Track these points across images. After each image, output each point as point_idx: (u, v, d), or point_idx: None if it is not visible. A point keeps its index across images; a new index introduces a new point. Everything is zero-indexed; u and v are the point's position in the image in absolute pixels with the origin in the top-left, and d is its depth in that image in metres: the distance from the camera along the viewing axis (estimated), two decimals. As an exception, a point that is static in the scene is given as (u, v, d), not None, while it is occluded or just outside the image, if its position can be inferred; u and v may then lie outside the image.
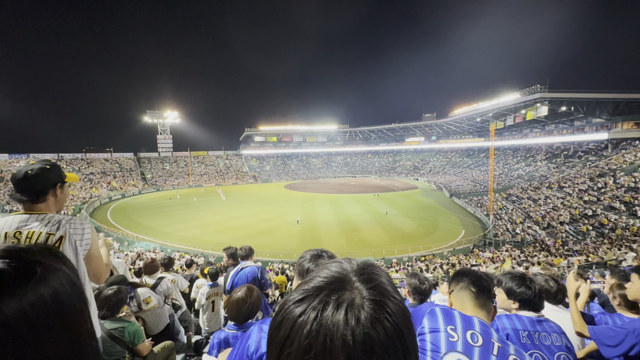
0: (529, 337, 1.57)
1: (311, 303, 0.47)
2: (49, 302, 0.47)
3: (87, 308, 0.55)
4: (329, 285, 0.50)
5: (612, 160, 31.01)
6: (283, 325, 0.47)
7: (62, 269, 0.54)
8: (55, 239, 1.50)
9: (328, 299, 0.47)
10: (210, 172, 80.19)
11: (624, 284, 2.51)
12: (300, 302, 0.48)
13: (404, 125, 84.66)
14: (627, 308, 2.48)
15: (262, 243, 23.87)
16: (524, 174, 43.14)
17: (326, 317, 0.44)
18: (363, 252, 21.69)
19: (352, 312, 0.45)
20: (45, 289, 0.47)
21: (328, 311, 0.45)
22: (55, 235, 1.51)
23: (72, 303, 0.51)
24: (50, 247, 0.58)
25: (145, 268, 4.47)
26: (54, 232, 1.51)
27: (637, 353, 1.77)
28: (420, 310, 1.20)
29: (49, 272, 0.50)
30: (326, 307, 0.45)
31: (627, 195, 23.10)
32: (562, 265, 13.85)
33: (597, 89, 36.84)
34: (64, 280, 0.52)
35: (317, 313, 0.45)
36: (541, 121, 49.58)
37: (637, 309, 2.41)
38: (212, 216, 34.61)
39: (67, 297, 0.50)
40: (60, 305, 0.48)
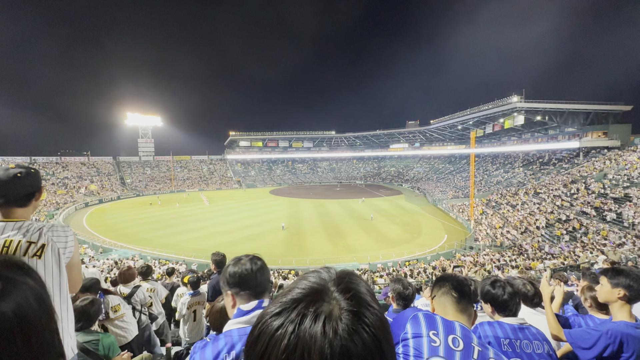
0: (510, 344, 1.59)
1: (289, 316, 0.46)
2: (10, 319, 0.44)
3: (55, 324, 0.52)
4: (306, 297, 0.49)
5: (584, 168, 32.68)
6: (260, 339, 0.46)
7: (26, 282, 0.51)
8: (37, 247, 1.42)
9: (306, 311, 0.46)
10: (193, 177, 78.53)
11: (593, 286, 2.64)
12: (277, 316, 0.47)
13: (388, 132, 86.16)
14: (597, 309, 2.59)
15: (247, 249, 23.35)
16: (503, 180, 44.72)
17: (304, 330, 0.43)
18: (348, 258, 21.73)
19: (330, 324, 0.44)
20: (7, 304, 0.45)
21: (306, 324, 0.44)
22: (36, 244, 1.42)
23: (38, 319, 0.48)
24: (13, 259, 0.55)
25: (120, 276, 4.25)
26: (35, 240, 1.42)
27: (610, 354, 1.85)
28: (403, 316, 1.21)
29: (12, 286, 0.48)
30: (304, 319, 0.45)
31: (597, 200, 24.34)
32: (539, 269, 14.37)
33: (569, 100, 38.94)
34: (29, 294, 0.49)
35: (295, 326, 0.44)
36: (518, 130, 51.74)
37: (608, 310, 2.52)
38: (195, 222, 33.80)
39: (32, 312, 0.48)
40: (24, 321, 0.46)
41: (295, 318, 0.45)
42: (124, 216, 38.26)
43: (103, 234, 29.26)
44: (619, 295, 1.97)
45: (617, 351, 1.85)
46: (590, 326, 2.36)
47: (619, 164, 29.29)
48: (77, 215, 39.77)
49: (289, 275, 15.81)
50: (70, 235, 1.60)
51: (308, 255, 22.50)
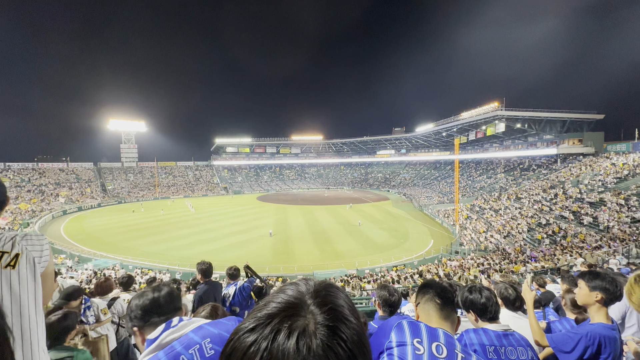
0: (495, 351, 1.61)
1: (262, 332, 0.44)
2: None
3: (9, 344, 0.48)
4: (282, 312, 0.48)
5: (561, 174, 34.01)
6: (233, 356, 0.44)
7: None
8: (10, 257, 1.34)
9: (280, 326, 0.45)
10: (178, 183, 76.94)
11: (572, 289, 2.72)
12: (251, 332, 0.45)
13: (375, 139, 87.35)
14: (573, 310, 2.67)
15: (233, 257, 23.06)
16: (486, 185, 45.93)
17: (276, 346, 0.42)
18: (336, 264, 21.66)
19: (303, 340, 0.43)
20: None
21: (279, 340, 0.43)
22: (10, 253, 1.34)
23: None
24: None
25: (97, 288, 4.05)
26: (8, 250, 1.34)
27: (590, 356, 1.90)
28: (388, 324, 1.20)
29: None
30: (277, 335, 0.43)
31: (575, 205, 25.33)
32: (521, 272, 14.73)
33: (547, 109, 40.68)
34: None
35: (268, 343, 0.43)
36: (499, 137, 53.49)
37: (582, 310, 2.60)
38: (180, 230, 32.99)
39: None
40: None
41: (268, 334, 0.44)
42: (105, 224, 36.94)
43: (82, 242, 28.11)
44: (597, 298, 2.03)
45: (595, 353, 1.90)
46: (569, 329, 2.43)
47: (594, 169, 30.66)
48: (55, 224, 38.11)
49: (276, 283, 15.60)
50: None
51: (296, 262, 22.30)
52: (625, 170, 27.19)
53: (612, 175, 27.29)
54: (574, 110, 39.45)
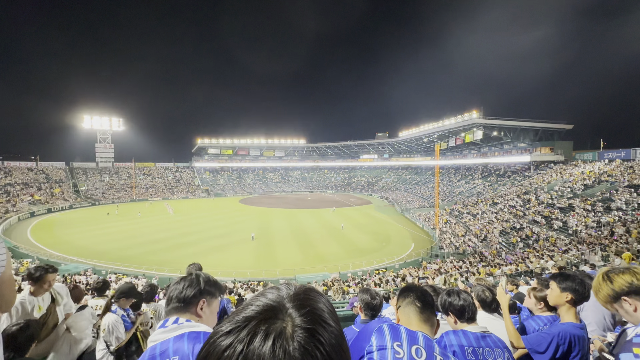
0: (473, 353, 1.65)
1: (238, 335, 0.44)
2: None
3: None
4: (259, 315, 0.47)
5: (534, 180, 35.67)
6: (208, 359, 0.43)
7: None
8: None
9: (257, 329, 0.44)
10: (157, 185, 74.54)
11: (538, 287, 2.93)
12: (227, 335, 0.45)
13: (358, 143, 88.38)
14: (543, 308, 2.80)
15: (214, 261, 22.53)
16: (465, 190, 47.43)
17: (252, 350, 0.41)
18: (319, 267, 21.61)
19: (280, 343, 0.42)
20: None
21: (255, 343, 0.42)
22: None
23: None
24: None
25: None
26: None
27: (561, 355, 1.99)
28: (368, 328, 1.21)
29: None
30: (254, 338, 0.43)
31: (546, 210, 26.60)
32: (497, 275, 15.25)
33: (521, 118, 42.68)
34: None
35: (244, 346, 0.42)
36: (477, 144, 55.51)
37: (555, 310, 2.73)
38: (157, 233, 31.90)
39: None
40: None
41: (244, 337, 0.43)
42: (77, 227, 35.14)
43: (51, 246, 26.59)
44: (567, 298, 2.13)
45: (567, 351, 1.99)
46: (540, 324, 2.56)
47: (564, 177, 32.37)
48: (21, 227, 35.84)
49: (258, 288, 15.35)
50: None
51: (278, 266, 22.07)
52: (591, 177, 28.89)
53: (580, 182, 28.90)
54: (546, 120, 41.67)
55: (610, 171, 28.02)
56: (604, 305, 1.50)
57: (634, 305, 1.35)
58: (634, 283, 1.35)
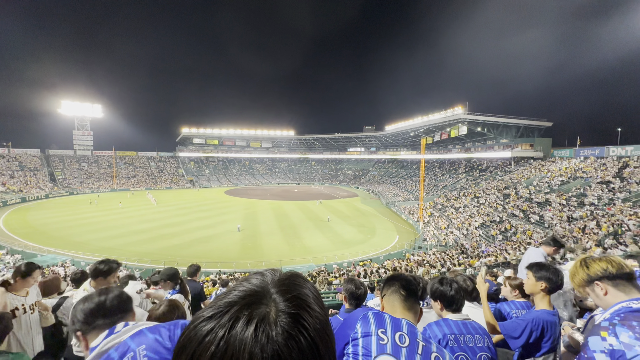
0: (455, 340, 1.71)
1: (220, 320, 0.43)
2: None
3: None
4: (242, 300, 0.46)
5: (514, 175, 36.90)
6: (188, 346, 0.42)
7: None
8: None
9: (239, 314, 0.43)
10: (140, 174, 72.48)
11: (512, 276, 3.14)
12: (209, 320, 0.43)
13: (346, 136, 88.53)
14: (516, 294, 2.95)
15: (198, 252, 22.28)
16: (448, 185, 48.56)
17: (234, 335, 0.41)
18: (305, 259, 21.77)
19: (262, 327, 0.42)
20: None
21: (237, 328, 0.41)
22: None
23: None
24: None
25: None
26: None
27: (535, 339, 2.10)
28: (353, 316, 1.23)
29: None
30: (235, 324, 0.42)
31: (525, 204, 27.65)
32: (477, 265, 15.82)
33: (504, 115, 43.78)
34: None
35: (225, 331, 0.41)
36: (462, 139, 56.71)
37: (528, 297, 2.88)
38: (140, 224, 31.15)
39: None
40: None
41: (226, 322, 0.42)
42: (53, 217, 33.82)
43: (26, 237, 25.53)
44: (542, 287, 2.24)
45: (539, 337, 2.10)
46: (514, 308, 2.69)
47: (542, 172, 33.64)
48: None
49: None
50: None
51: (264, 257, 22.07)
52: (567, 174, 30.15)
53: (557, 178, 30.12)
54: (527, 117, 42.95)
55: (585, 168, 29.32)
56: (577, 289, 1.59)
57: (604, 289, 1.44)
58: (608, 269, 1.44)
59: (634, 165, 25.42)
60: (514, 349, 2.19)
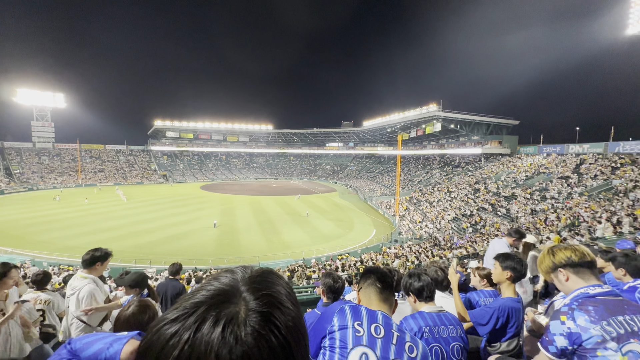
0: (430, 332, 1.79)
1: (185, 322, 0.40)
2: None
3: None
4: (210, 300, 0.44)
5: (484, 171, 38.72)
6: (149, 352, 0.40)
7: None
8: None
9: (206, 315, 0.41)
10: (108, 169, 68.75)
11: (480, 267, 3.30)
12: (172, 323, 0.41)
13: (325, 131, 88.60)
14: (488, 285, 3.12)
15: (173, 249, 21.58)
16: (423, 180, 50.13)
17: (200, 337, 0.38)
18: (283, 254, 21.73)
19: (231, 328, 0.40)
20: None
21: (203, 330, 0.39)
22: None
23: None
24: None
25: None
26: None
27: (501, 325, 2.24)
28: (330, 310, 1.25)
29: None
30: (202, 325, 0.39)
31: (493, 198, 29.15)
32: (449, 257, 16.53)
33: (475, 113, 45.68)
34: None
35: (190, 333, 0.39)
36: (436, 135, 58.56)
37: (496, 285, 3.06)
38: (108, 220, 29.62)
39: None
40: None
41: (192, 324, 0.40)
42: (11, 214, 31.34)
43: (-23, 236, 23.51)
44: (507, 276, 2.39)
45: (505, 323, 2.24)
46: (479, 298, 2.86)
47: (509, 168, 35.55)
48: (-63, 214, 31.12)
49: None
50: None
51: (241, 253, 21.78)
52: (532, 169, 32.07)
53: (522, 174, 31.96)
54: (496, 115, 45.10)
55: (547, 164, 31.31)
56: (544, 275, 1.71)
57: (566, 276, 1.56)
58: (572, 257, 1.56)
59: (589, 161, 27.49)
60: (482, 335, 2.32)
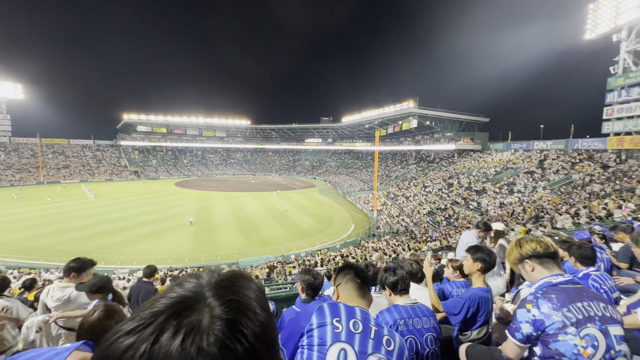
0: (405, 324, 1.85)
1: (142, 333, 0.37)
2: None
3: None
4: (170, 308, 0.40)
5: (457, 166, 40.28)
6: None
7: None
8: None
9: (165, 325, 0.37)
10: (73, 165, 64.65)
11: (453, 259, 3.46)
12: (129, 334, 0.37)
13: (303, 127, 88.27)
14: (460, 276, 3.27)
15: (146, 248, 20.76)
16: (400, 175, 51.38)
17: (157, 349, 0.35)
18: (262, 251, 21.54)
19: (192, 338, 0.36)
20: None
21: (162, 341, 0.36)
22: None
23: None
24: None
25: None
26: None
27: (471, 315, 2.35)
28: (309, 309, 1.26)
29: None
30: (160, 336, 0.36)
31: (465, 193, 30.44)
32: (424, 250, 17.12)
33: (449, 110, 47.31)
34: None
35: (147, 346, 0.35)
36: (412, 132, 60.10)
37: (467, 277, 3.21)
38: (75, 220, 27.94)
39: None
40: None
41: (149, 335, 0.36)
42: (-40, 215, 28.76)
43: None
44: (478, 267, 2.50)
45: (475, 312, 2.35)
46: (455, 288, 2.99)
47: (480, 163, 37.20)
48: None
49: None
50: None
51: (219, 251, 21.35)
52: (501, 165, 33.76)
53: (492, 169, 33.57)
54: (469, 112, 46.97)
55: (515, 160, 33.07)
56: (512, 266, 1.82)
57: (532, 266, 1.66)
58: (537, 249, 1.66)
59: (552, 157, 29.33)
60: (455, 324, 2.43)
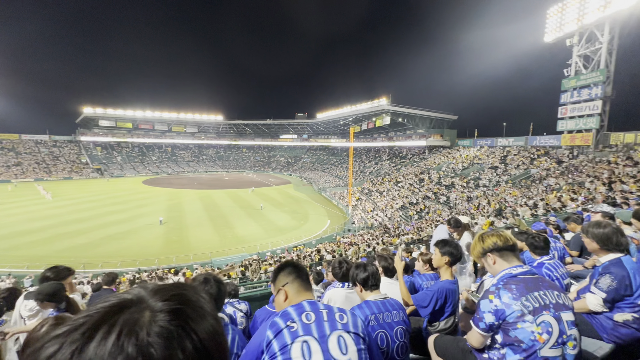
0: (375, 319, 1.90)
1: (70, 336, 0.33)
2: None
3: None
4: (106, 309, 0.37)
5: (428, 162, 41.82)
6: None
7: None
8: None
9: (99, 325, 0.34)
10: (26, 162, 59.48)
11: (424, 252, 3.62)
12: (56, 339, 0.34)
13: (278, 122, 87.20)
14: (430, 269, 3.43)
15: (111, 250, 19.66)
16: (374, 171, 52.45)
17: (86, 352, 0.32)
18: (237, 249, 21.17)
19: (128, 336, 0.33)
20: None
21: (92, 343, 0.32)
22: None
23: None
24: None
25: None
26: None
27: (440, 306, 2.47)
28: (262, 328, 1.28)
29: None
30: (91, 338, 0.33)
31: (436, 187, 31.72)
32: (397, 244, 17.67)
33: (420, 107, 48.86)
34: None
35: (75, 349, 0.32)
36: (385, 128, 61.43)
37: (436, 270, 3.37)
38: (28, 222, 25.77)
39: None
40: None
41: (79, 337, 0.33)
42: None
43: None
44: (445, 261, 2.63)
45: (443, 303, 2.48)
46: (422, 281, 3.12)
47: (449, 159, 38.89)
48: None
49: (168, 276, 14.15)
50: None
51: (192, 250, 20.69)
52: (468, 160, 35.50)
53: (460, 164, 35.22)
54: (438, 110, 48.82)
55: (480, 155, 34.91)
56: (476, 259, 1.93)
57: (493, 259, 1.77)
58: (497, 243, 1.77)
59: (514, 153, 31.31)
60: (424, 316, 2.54)
